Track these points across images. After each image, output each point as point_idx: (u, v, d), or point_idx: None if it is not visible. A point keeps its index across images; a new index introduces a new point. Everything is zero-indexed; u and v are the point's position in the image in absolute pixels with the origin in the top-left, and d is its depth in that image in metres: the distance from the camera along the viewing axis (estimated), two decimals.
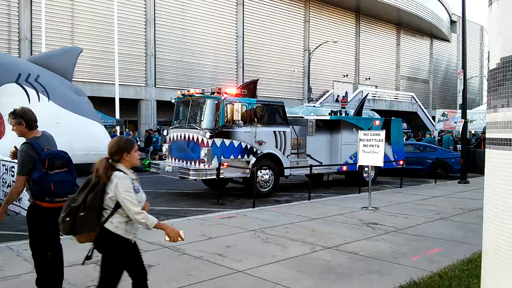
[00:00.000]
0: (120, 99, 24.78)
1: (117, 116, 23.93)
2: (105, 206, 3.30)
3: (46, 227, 4.30)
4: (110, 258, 3.35)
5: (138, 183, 3.46)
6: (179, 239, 3.40)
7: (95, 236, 3.33)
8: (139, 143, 21.33)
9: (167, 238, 3.40)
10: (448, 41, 53.00)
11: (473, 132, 27.90)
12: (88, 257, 3.41)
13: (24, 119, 4.27)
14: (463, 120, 16.06)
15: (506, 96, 3.16)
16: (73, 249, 6.01)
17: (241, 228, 7.72)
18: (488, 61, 3.56)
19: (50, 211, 4.22)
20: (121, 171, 3.37)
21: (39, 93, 15.33)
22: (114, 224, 3.31)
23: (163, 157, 13.30)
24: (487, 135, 3.60)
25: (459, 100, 16.70)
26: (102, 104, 24.43)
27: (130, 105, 28.46)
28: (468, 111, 17.75)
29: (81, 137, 15.54)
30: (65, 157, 4.29)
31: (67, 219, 3.25)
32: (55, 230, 4.38)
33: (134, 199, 3.28)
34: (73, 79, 18.25)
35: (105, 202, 3.29)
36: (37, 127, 4.38)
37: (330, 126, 13.92)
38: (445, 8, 50.21)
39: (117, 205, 3.29)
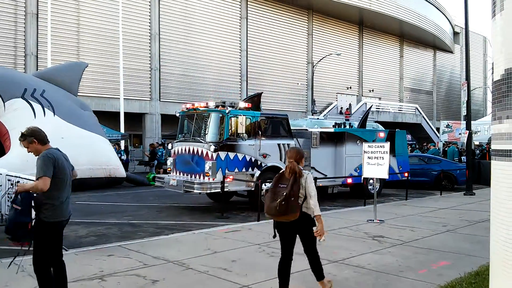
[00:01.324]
0: (125, 113, 24.94)
1: (122, 130, 24.06)
2: (300, 195, 4.58)
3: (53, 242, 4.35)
4: (308, 229, 4.71)
5: None
6: (323, 238, 4.70)
7: (294, 217, 4.56)
8: (123, 157, 21.25)
9: (315, 229, 4.67)
10: (451, 52, 53.10)
11: (477, 143, 27.76)
12: (274, 236, 4.81)
13: (34, 137, 4.38)
14: (468, 131, 16.00)
15: (511, 107, 3.15)
16: (76, 265, 6.01)
17: (246, 242, 7.67)
18: (492, 73, 3.55)
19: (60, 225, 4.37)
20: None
21: (45, 108, 15.45)
22: (307, 207, 4.65)
23: (167, 171, 13.29)
24: (492, 147, 3.58)
25: (464, 111, 16.65)
26: (107, 118, 24.59)
27: (135, 119, 28.61)
28: (472, 122, 17.70)
29: (86, 151, 15.61)
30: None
31: (283, 203, 4.45)
32: (59, 245, 4.41)
33: (315, 192, 4.66)
34: (78, 93, 18.42)
35: (300, 191, 4.58)
36: (49, 141, 4.46)
37: (334, 138, 13.90)
38: (448, 19, 50.39)
39: (304, 195, 4.64)
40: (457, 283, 5.27)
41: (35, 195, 4.25)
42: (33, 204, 4.24)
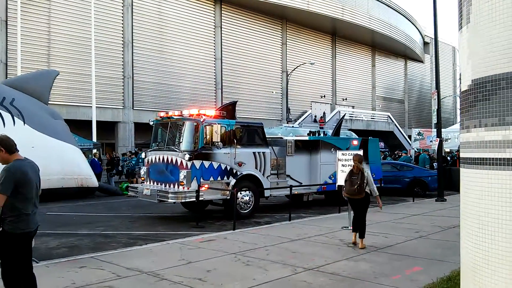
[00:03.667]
0: (97, 121, 24.51)
1: (94, 139, 23.63)
2: (364, 182, 7.89)
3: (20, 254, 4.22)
4: (367, 204, 8.15)
5: None
6: (382, 207, 9.56)
7: (362, 196, 7.93)
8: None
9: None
10: (421, 62, 54.38)
11: (448, 150, 28.39)
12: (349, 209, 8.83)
13: (1, 145, 4.23)
14: (439, 139, 16.37)
15: (478, 117, 3.25)
16: (47, 277, 5.86)
17: (221, 251, 7.64)
18: (460, 83, 3.66)
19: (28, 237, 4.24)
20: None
21: (14, 117, 15.07)
22: (367, 190, 7.99)
23: (141, 180, 13.11)
24: (461, 155, 3.67)
25: (434, 120, 17.04)
26: (79, 127, 24.16)
27: (108, 128, 28.17)
28: (443, 130, 18.10)
29: (57, 161, 15.29)
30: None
31: (358, 188, 7.81)
32: (28, 257, 4.29)
33: (372, 179, 8.28)
34: (49, 102, 18.03)
35: (364, 180, 7.91)
36: (18, 150, 4.33)
37: (309, 146, 14.01)
38: (418, 30, 51.70)
39: (366, 182, 7.93)
40: None
41: None
42: None
